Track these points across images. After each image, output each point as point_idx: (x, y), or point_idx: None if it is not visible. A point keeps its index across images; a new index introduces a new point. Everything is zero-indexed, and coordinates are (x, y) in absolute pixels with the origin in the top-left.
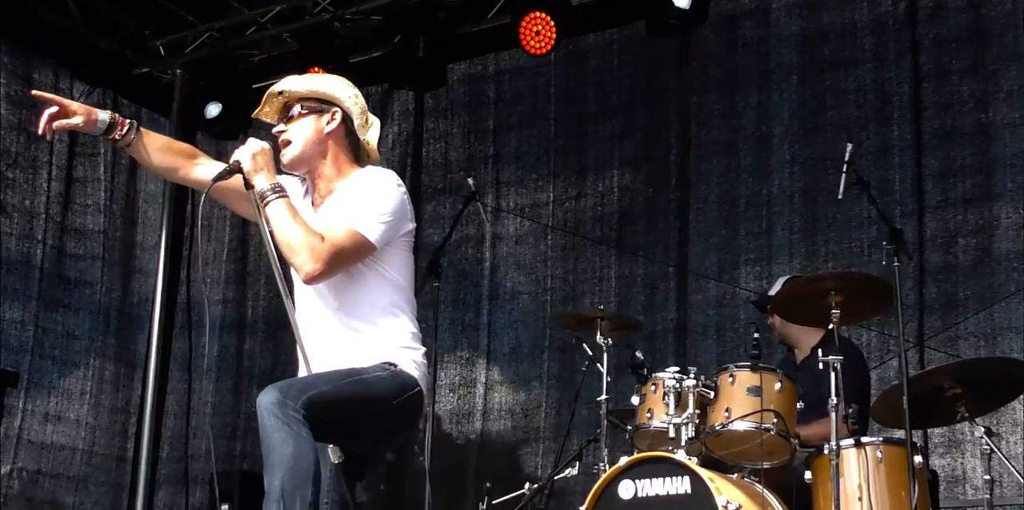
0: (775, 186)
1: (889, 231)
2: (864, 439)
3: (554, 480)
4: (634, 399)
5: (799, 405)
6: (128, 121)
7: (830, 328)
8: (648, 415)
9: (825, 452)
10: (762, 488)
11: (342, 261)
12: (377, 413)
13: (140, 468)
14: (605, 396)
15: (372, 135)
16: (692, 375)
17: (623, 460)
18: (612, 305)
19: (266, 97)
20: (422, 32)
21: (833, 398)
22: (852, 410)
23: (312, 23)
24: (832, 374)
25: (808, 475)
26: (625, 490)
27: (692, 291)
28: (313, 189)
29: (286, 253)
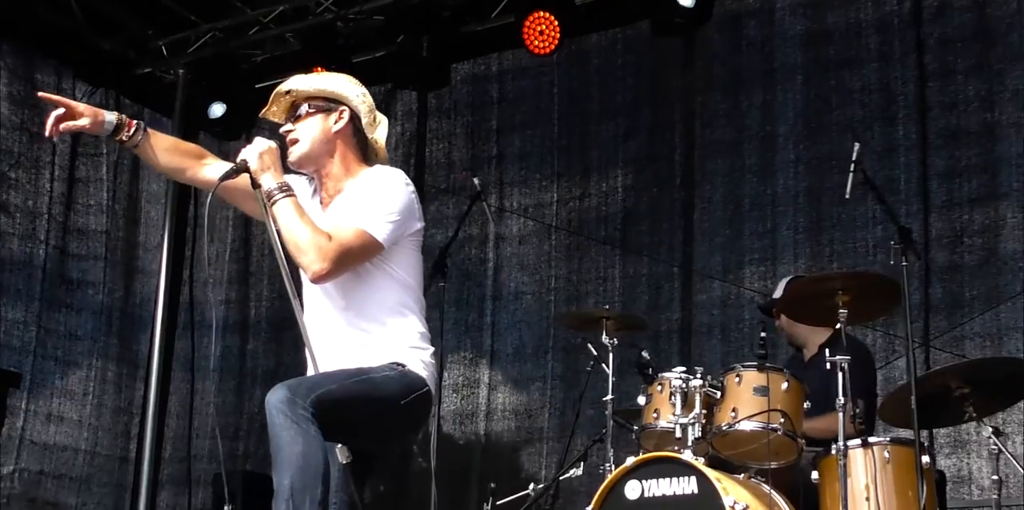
0: (780, 186)
1: (897, 230)
2: (871, 439)
3: (559, 480)
4: (640, 399)
5: (806, 405)
6: (135, 122)
7: (837, 327)
8: (654, 415)
9: (832, 452)
10: (769, 488)
11: (350, 260)
12: (385, 413)
13: (142, 469)
14: (611, 396)
15: (380, 134)
16: (699, 375)
17: (630, 460)
18: (616, 305)
19: (273, 96)
20: (425, 32)
21: (841, 398)
22: (859, 409)
23: (315, 23)
24: (839, 374)
25: (815, 475)
26: (632, 490)
27: (696, 291)
28: (321, 188)
29: (293, 252)
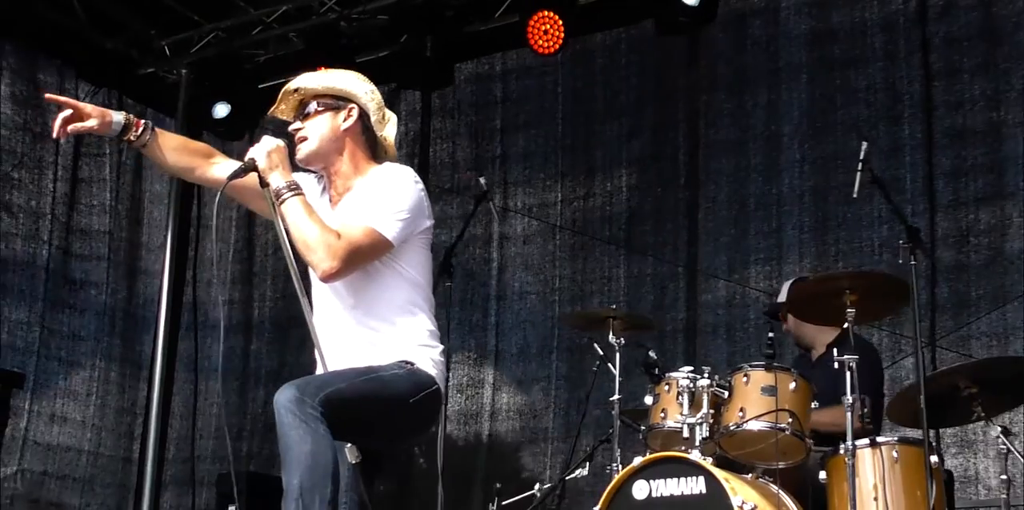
0: (785, 185)
1: (906, 230)
2: (879, 439)
3: (564, 481)
4: (647, 399)
5: (814, 405)
6: (143, 122)
7: (845, 327)
8: (662, 415)
9: (840, 452)
10: (777, 488)
11: (359, 259)
12: (394, 411)
13: (146, 469)
14: (617, 396)
15: (389, 131)
16: (706, 375)
17: (637, 460)
18: (621, 305)
19: (282, 94)
20: (429, 31)
21: (849, 397)
22: (867, 408)
23: (318, 23)
24: (848, 373)
25: (823, 475)
26: (639, 490)
27: (702, 291)
28: (330, 186)
29: (302, 251)
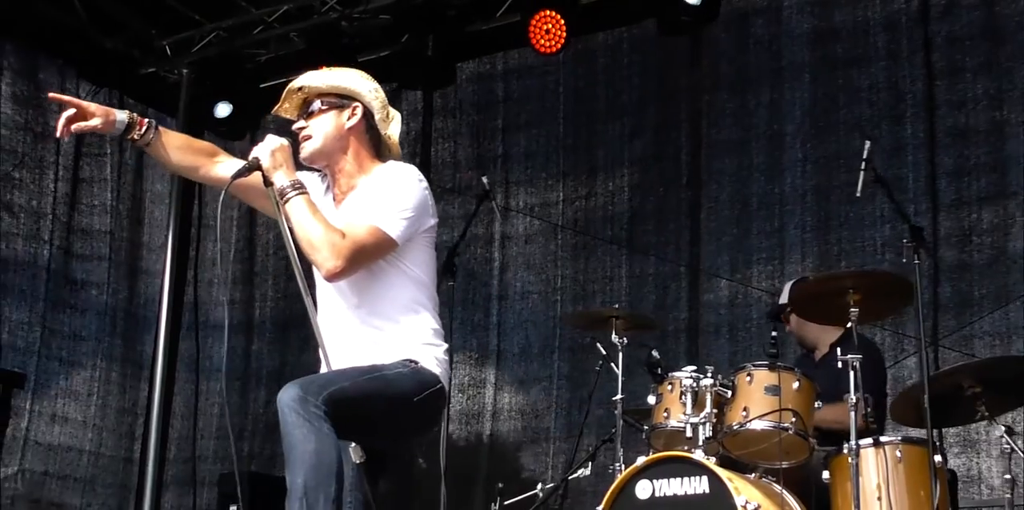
0: (787, 185)
1: (909, 229)
2: (883, 438)
3: (567, 480)
4: (650, 399)
5: (817, 404)
6: (146, 120)
7: (849, 326)
8: (665, 415)
9: (844, 451)
10: (780, 488)
11: (363, 258)
12: (398, 410)
13: (147, 469)
14: (620, 395)
15: (394, 130)
16: (709, 374)
17: (640, 460)
18: (623, 305)
19: (286, 93)
20: (430, 31)
21: (853, 396)
22: (870, 407)
23: (319, 22)
24: (851, 373)
25: (826, 475)
26: (642, 490)
27: (704, 290)
28: (334, 185)
29: (306, 250)
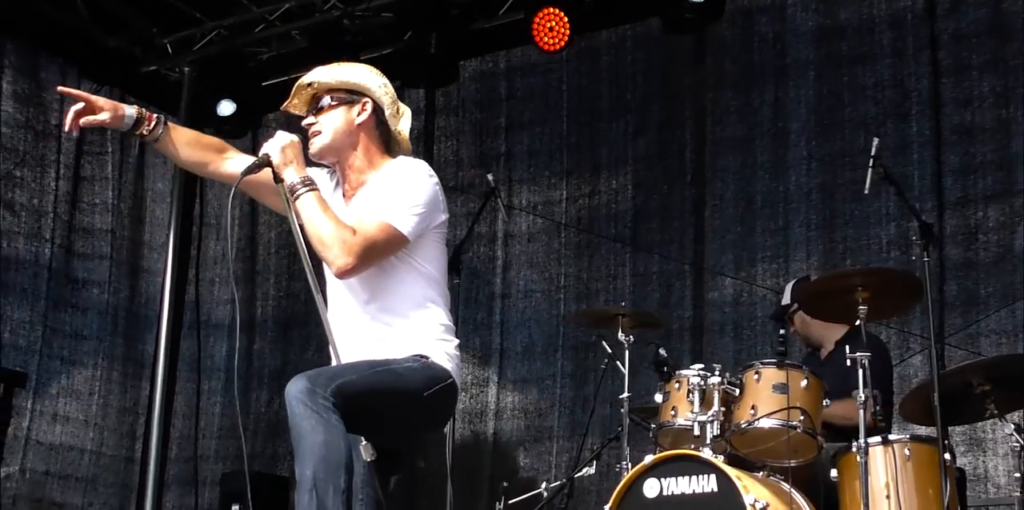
0: (792, 183)
1: (919, 226)
2: (891, 437)
3: (573, 479)
4: (657, 397)
5: (825, 402)
6: (155, 116)
7: (856, 324)
8: (672, 413)
9: (852, 449)
10: (789, 486)
11: (375, 255)
12: (408, 404)
13: (148, 469)
14: (627, 394)
15: (403, 125)
16: (717, 372)
17: (648, 458)
18: (627, 303)
19: (295, 88)
20: (433, 29)
21: (862, 395)
22: (878, 406)
23: (321, 20)
24: (860, 371)
25: (834, 473)
26: (650, 488)
27: (708, 289)
28: (344, 181)
29: (317, 247)
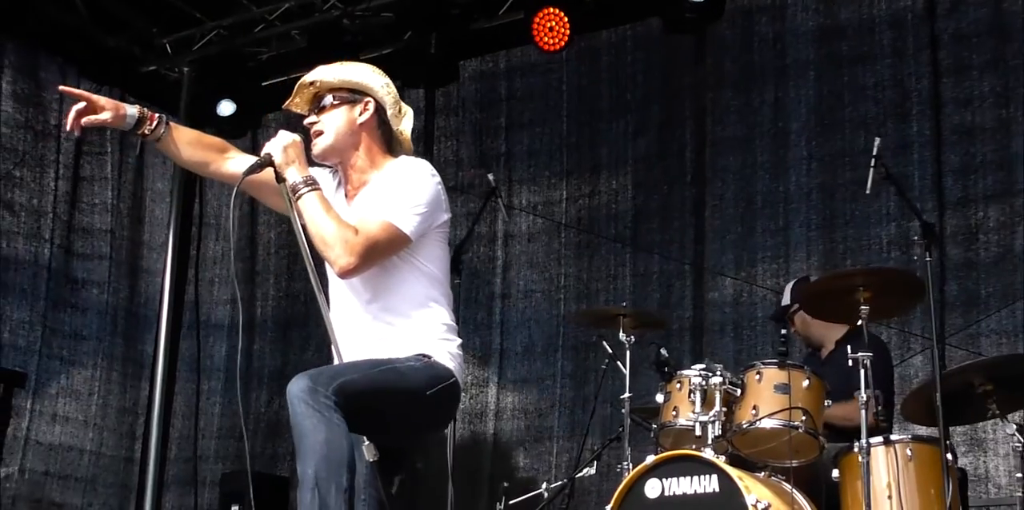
0: (792, 183)
1: (920, 226)
2: (893, 437)
3: (574, 479)
4: (658, 397)
5: (827, 403)
6: (157, 115)
7: (858, 324)
8: (673, 413)
9: (854, 450)
10: (790, 487)
11: (377, 254)
12: (410, 403)
13: (148, 469)
14: (628, 394)
15: (406, 125)
16: (718, 372)
17: (650, 458)
18: (627, 303)
19: (297, 87)
20: (433, 29)
21: (863, 395)
22: (880, 406)
23: (321, 20)
24: (862, 371)
25: (836, 473)
26: (652, 489)
27: (708, 289)
28: (346, 181)
29: (319, 247)
